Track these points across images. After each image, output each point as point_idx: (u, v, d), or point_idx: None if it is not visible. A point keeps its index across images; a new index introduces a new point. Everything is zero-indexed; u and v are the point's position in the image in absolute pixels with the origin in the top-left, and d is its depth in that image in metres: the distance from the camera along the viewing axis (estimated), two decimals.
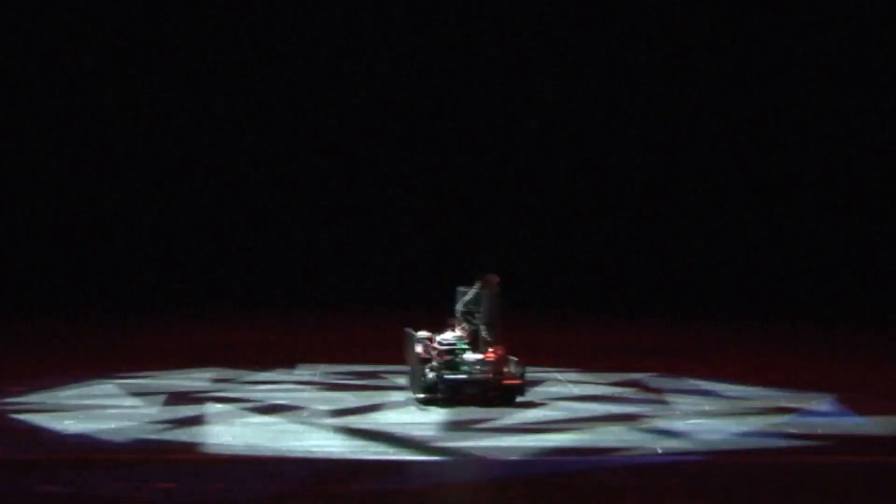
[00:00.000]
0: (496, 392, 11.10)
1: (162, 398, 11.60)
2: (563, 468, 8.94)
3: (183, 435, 9.90)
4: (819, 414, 11.04)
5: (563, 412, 11.05)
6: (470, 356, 11.25)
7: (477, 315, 11.38)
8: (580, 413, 11.02)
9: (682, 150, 23.13)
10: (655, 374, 13.29)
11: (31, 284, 21.86)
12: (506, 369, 11.17)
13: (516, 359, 11.30)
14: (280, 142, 23.39)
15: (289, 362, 13.92)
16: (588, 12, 23.09)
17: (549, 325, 19.11)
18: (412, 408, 11.07)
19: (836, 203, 22.62)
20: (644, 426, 10.42)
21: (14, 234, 22.37)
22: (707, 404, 11.50)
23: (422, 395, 11.19)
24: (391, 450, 9.39)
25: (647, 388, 12.32)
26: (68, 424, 10.29)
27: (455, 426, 10.30)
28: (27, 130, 22.70)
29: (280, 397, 11.69)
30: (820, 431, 10.15)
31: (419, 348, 11.34)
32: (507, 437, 9.92)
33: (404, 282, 21.74)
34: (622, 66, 23.24)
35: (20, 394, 11.72)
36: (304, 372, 13.38)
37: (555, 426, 10.37)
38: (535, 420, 10.63)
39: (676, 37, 22.90)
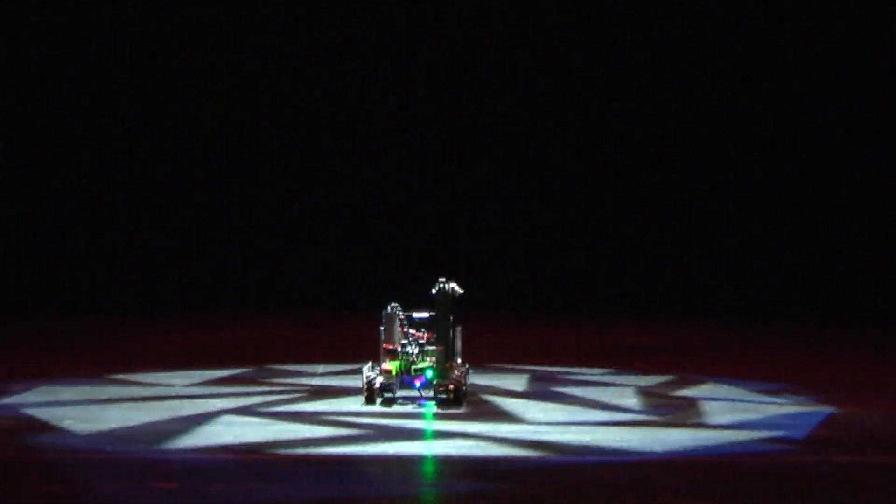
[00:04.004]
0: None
1: (161, 398, 11.61)
2: (562, 468, 8.94)
3: (183, 435, 9.91)
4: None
5: (564, 412, 11.07)
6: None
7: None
8: (579, 413, 11.05)
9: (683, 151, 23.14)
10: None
11: (34, 284, 21.87)
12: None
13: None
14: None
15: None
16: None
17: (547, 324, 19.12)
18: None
19: (836, 203, 22.62)
20: (644, 426, 10.45)
21: (15, 235, 22.38)
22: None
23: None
24: (391, 449, 9.41)
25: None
26: (69, 424, 10.30)
27: (454, 425, 10.33)
28: (25, 130, 22.73)
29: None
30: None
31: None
32: (507, 436, 9.93)
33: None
34: (620, 62, 23.19)
35: (20, 393, 11.75)
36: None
37: (555, 426, 10.39)
38: (534, 420, 10.65)
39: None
